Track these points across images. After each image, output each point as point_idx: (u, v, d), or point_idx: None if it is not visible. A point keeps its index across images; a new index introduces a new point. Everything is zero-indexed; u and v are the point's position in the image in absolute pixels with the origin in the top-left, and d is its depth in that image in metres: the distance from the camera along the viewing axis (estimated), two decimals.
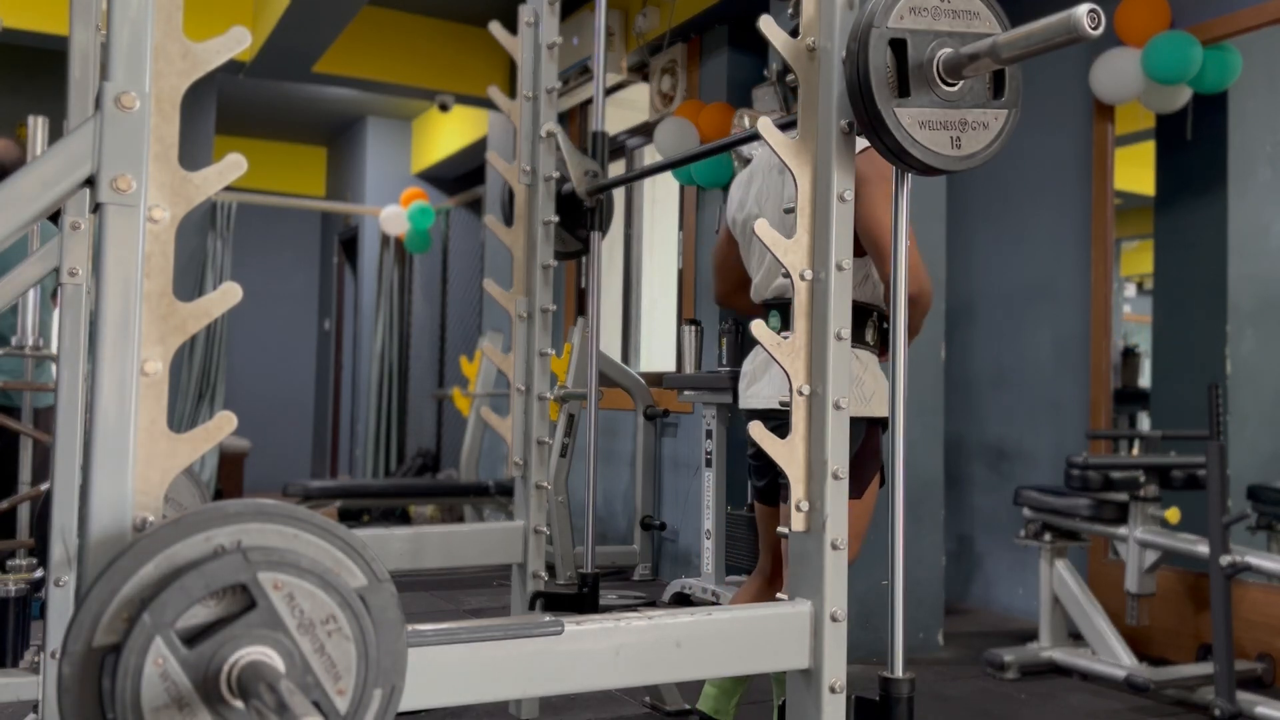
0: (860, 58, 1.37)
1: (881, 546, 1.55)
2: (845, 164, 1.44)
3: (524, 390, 2.70)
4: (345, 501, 6.10)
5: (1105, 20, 1.25)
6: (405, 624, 1.00)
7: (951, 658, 3.77)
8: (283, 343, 9.81)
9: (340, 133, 9.35)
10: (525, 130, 2.73)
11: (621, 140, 5.98)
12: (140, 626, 0.87)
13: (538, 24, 2.72)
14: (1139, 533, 3.32)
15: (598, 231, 2.70)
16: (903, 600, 1.47)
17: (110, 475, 0.95)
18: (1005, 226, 4.63)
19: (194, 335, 2.40)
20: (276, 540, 0.94)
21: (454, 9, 6.38)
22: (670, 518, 5.28)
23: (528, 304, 2.71)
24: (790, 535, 1.45)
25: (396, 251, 8.56)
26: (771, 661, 1.42)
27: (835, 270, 1.43)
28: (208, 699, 0.89)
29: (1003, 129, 1.46)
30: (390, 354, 8.51)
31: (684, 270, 5.39)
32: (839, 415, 1.43)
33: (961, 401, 4.64)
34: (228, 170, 1.01)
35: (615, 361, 5.34)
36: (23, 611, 2.62)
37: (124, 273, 0.96)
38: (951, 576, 4.56)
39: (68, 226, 1.77)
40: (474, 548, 2.68)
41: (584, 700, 3.10)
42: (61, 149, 0.95)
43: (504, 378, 3.16)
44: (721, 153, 2.37)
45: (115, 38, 0.97)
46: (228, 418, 1.00)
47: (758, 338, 1.42)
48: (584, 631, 1.29)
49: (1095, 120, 4.17)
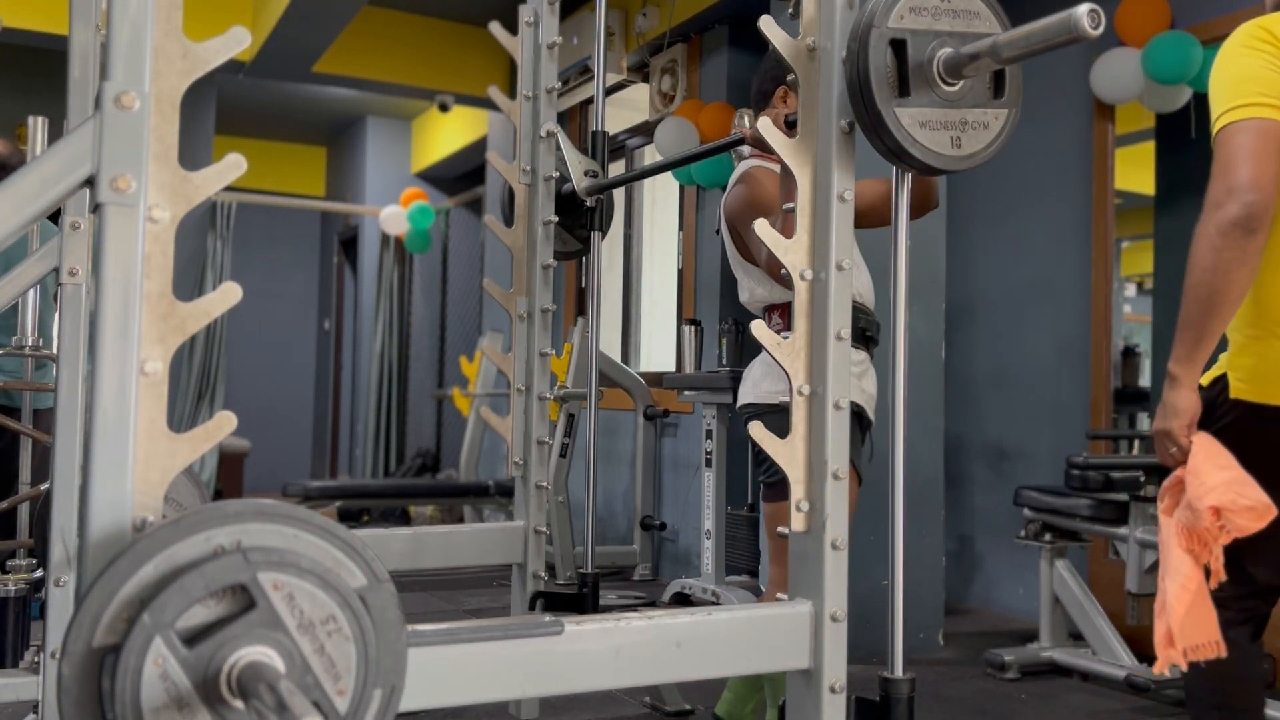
0: (860, 58, 1.37)
1: (881, 546, 1.55)
2: (845, 164, 1.44)
3: (524, 390, 2.70)
4: (345, 502, 6.10)
5: (1105, 20, 1.25)
6: (405, 624, 1.00)
7: (951, 658, 3.77)
8: (283, 343, 9.81)
9: (340, 133, 9.35)
10: (525, 130, 2.73)
11: (621, 140, 5.98)
12: (140, 627, 0.87)
13: (538, 24, 2.71)
14: (1139, 533, 3.31)
15: (598, 231, 2.70)
16: (903, 600, 1.47)
17: (110, 475, 0.95)
18: (1005, 226, 4.63)
19: (194, 335, 2.41)
20: (276, 540, 0.94)
21: (454, 9, 6.38)
22: (670, 518, 5.28)
23: (528, 304, 2.71)
24: (790, 535, 1.45)
25: (396, 251, 8.55)
26: (771, 661, 1.42)
27: (835, 270, 1.43)
28: (208, 699, 0.89)
29: (1003, 129, 1.46)
30: (390, 354, 8.51)
31: (684, 270, 5.38)
32: (839, 415, 1.43)
33: (961, 401, 4.64)
34: (228, 170, 1.01)
35: (615, 361, 5.34)
36: (23, 611, 2.62)
37: (124, 273, 0.96)
38: (951, 576, 4.56)
39: (68, 226, 1.77)
40: (474, 548, 2.67)
41: (584, 700, 3.10)
42: (61, 149, 0.95)
43: (504, 378, 3.16)
44: (721, 153, 2.37)
45: (115, 37, 0.97)
46: (227, 418, 1.00)
47: (759, 338, 1.42)
48: (584, 631, 1.29)
49: (1095, 120, 4.17)
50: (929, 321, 3.87)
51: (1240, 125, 1.68)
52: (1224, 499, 1.64)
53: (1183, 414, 1.74)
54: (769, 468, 2.36)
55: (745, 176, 2.45)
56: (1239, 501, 1.63)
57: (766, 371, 2.39)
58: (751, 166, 2.47)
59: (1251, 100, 1.68)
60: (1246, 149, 1.66)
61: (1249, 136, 1.67)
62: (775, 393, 2.33)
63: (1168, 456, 1.77)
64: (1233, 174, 1.66)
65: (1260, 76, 1.69)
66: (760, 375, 2.40)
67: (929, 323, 3.87)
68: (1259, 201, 1.64)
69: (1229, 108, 1.70)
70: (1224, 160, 1.68)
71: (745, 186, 2.43)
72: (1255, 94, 1.68)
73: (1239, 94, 1.69)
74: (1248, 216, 1.64)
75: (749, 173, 2.46)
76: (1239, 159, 1.66)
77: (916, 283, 3.75)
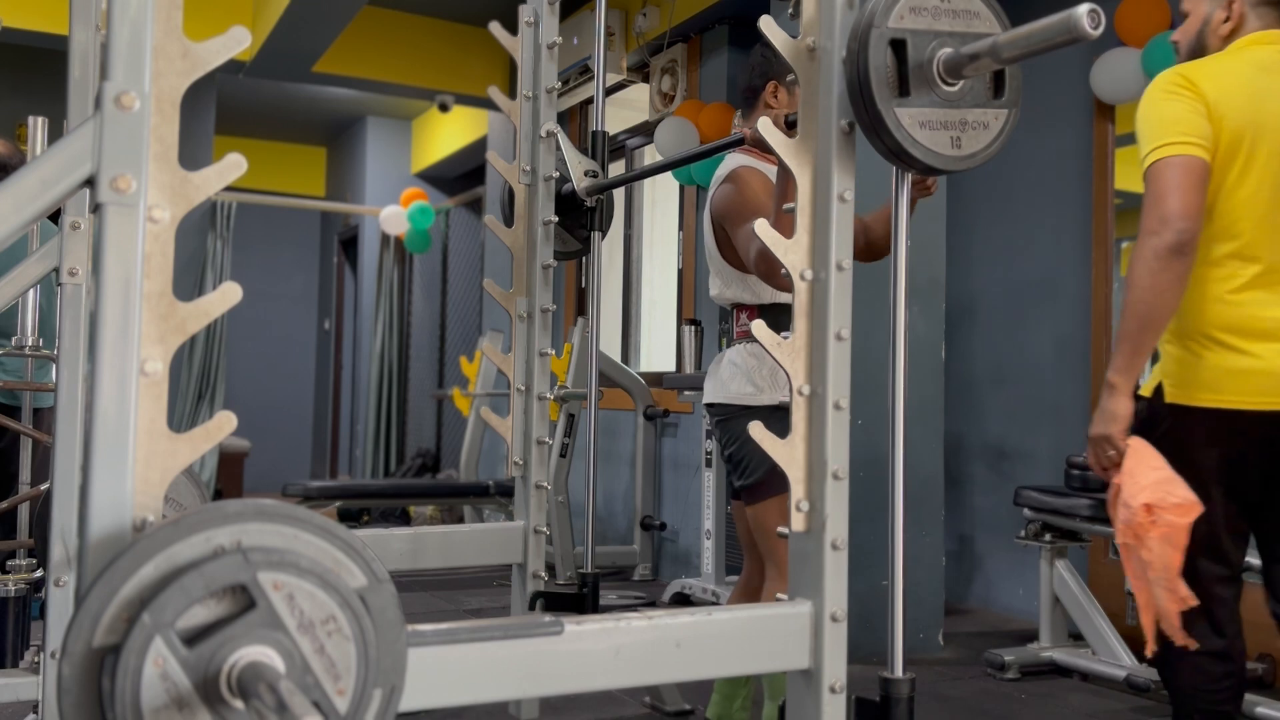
0: (860, 58, 1.37)
1: (882, 546, 1.55)
2: (845, 164, 1.44)
3: (524, 390, 2.70)
4: (345, 502, 6.10)
5: (1105, 20, 1.25)
6: (405, 624, 1.00)
7: (951, 658, 3.77)
8: (283, 343, 9.81)
9: (340, 133, 9.35)
10: (525, 130, 2.72)
11: (621, 140, 5.98)
12: (140, 627, 0.87)
13: (538, 24, 2.71)
14: None
15: (598, 231, 2.70)
16: (903, 600, 1.47)
17: (110, 475, 0.95)
18: (1005, 226, 4.63)
19: (194, 335, 2.40)
20: (276, 540, 0.94)
21: (454, 9, 6.38)
22: (670, 518, 5.28)
23: (528, 304, 2.71)
24: (790, 535, 1.45)
25: (396, 251, 8.55)
26: (771, 662, 1.42)
27: (835, 270, 1.43)
28: (208, 699, 0.89)
29: (1003, 129, 1.46)
30: (390, 354, 8.51)
31: (684, 270, 5.38)
32: (839, 415, 1.43)
33: (961, 401, 4.64)
34: (228, 170, 1.01)
35: (615, 361, 5.34)
36: (23, 611, 2.62)
37: (124, 273, 0.96)
38: (951, 576, 4.56)
39: (68, 226, 1.77)
40: (474, 548, 2.67)
41: (584, 700, 3.10)
42: (61, 149, 0.95)
43: (504, 378, 3.16)
44: (721, 153, 2.38)
45: (115, 37, 0.97)
46: (227, 417, 1.00)
47: (759, 338, 1.42)
48: (584, 631, 1.29)
49: (1095, 120, 4.17)
50: (929, 321, 3.87)
51: (1169, 161, 1.90)
52: (1155, 496, 1.81)
53: (1120, 419, 1.92)
54: (748, 467, 2.34)
55: (733, 176, 2.44)
56: (1168, 499, 1.81)
57: (735, 373, 2.38)
58: (739, 166, 2.46)
59: (1178, 139, 1.90)
60: (1175, 182, 1.88)
61: (1177, 171, 1.89)
62: (744, 394, 2.34)
63: (1104, 459, 1.95)
64: (1165, 205, 1.88)
65: (1184, 118, 1.92)
66: (729, 376, 2.40)
67: (929, 323, 3.87)
68: (1189, 229, 1.87)
69: (1158, 145, 1.92)
70: (1156, 192, 1.90)
71: (733, 186, 2.42)
72: (1180, 134, 1.91)
73: (1166, 133, 1.91)
74: (1180, 243, 1.86)
75: (737, 172, 2.44)
76: (1169, 191, 1.88)
77: (916, 283, 3.76)
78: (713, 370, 2.49)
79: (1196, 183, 1.89)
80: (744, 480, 2.36)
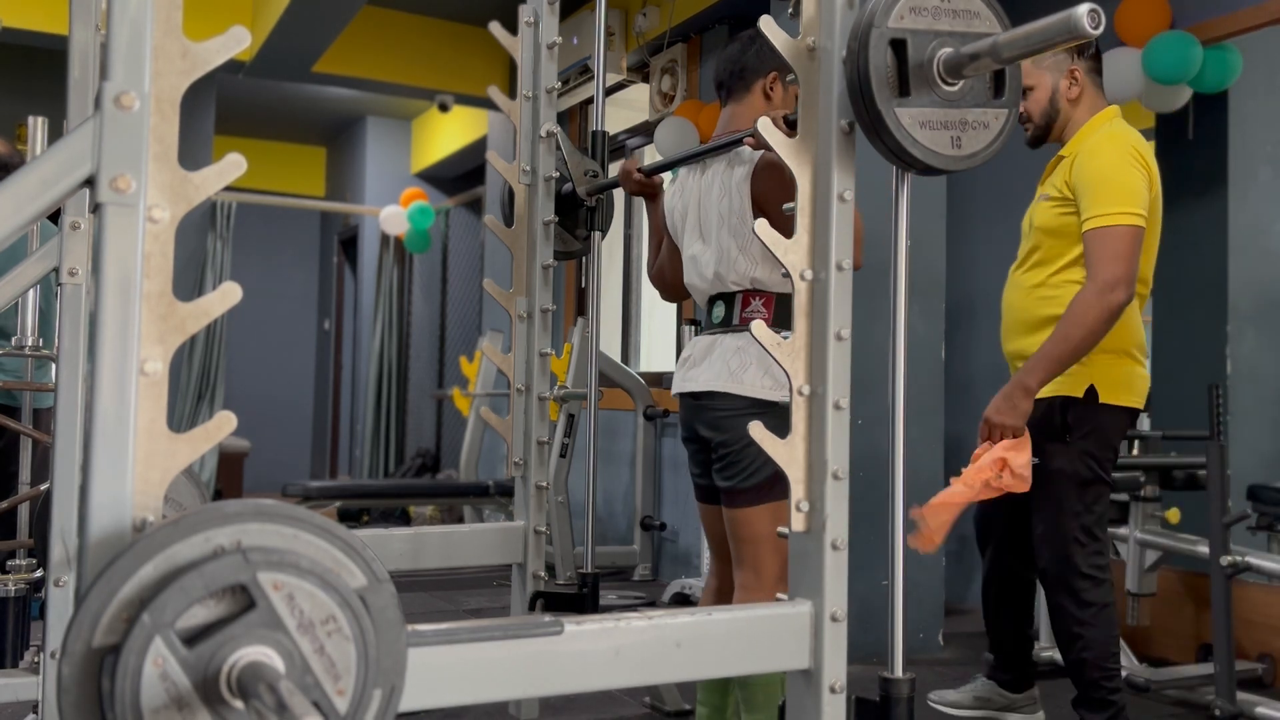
0: (860, 58, 1.37)
1: (882, 546, 1.55)
2: (845, 164, 1.44)
3: (524, 390, 2.70)
4: (345, 502, 6.10)
5: (1105, 20, 1.25)
6: (405, 624, 1.00)
7: (951, 658, 3.77)
8: (282, 343, 9.80)
9: (340, 133, 9.35)
10: (525, 130, 2.73)
11: (621, 140, 5.98)
12: (140, 627, 0.87)
13: (538, 24, 2.71)
14: (1139, 533, 3.32)
15: (598, 231, 2.70)
16: (903, 600, 1.47)
17: (110, 475, 0.95)
18: (1005, 226, 4.62)
19: (194, 335, 2.40)
20: (276, 540, 0.94)
21: (454, 9, 6.38)
22: (670, 518, 5.28)
23: (528, 304, 2.71)
24: (790, 535, 1.45)
25: (396, 251, 8.55)
26: (771, 662, 1.42)
27: (835, 270, 1.43)
28: (207, 699, 0.89)
29: (1003, 129, 1.46)
30: (390, 354, 8.51)
31: None
32: (839, 415, 1.43)
33: (961, 401, 4.64)
34: (227, 170, 1.01)
35: (615, 361, 5.34)
36: (23, 611, 2.62)
37: (123, 273, 0.96)
38: (951, 576, 4.56)
39: (68, 226, 1.77)
40: (474, 548, 2.67)
41: (584, 700, 3.10)
42: (61, 149, 0.95)
43: (504, 378, 3.16)
44: (722, 152, 2.37)
45: (114, 37, 0.97)
46: (227, 418, 1.00)
47: (759, 338, 1.42)
48: (584, 631, 1.29)
49: None
50: (929, 321, 3.87)
51: (1132, 230, 2.35)
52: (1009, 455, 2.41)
53: (1026, 416, 2.42)
54: (747, 469, 2.23)
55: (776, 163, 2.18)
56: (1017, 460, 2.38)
57: (746, 360, 2.20)
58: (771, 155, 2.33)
59: (1136, 210, 2.36)
60: (1133, 250, 2.35)
61: (1132, 241, 2.35)
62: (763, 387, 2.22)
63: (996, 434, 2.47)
64: (1123, 267, 2.33)
65: (1139, 192, 2.38)
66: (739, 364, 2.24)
67: (929, 322, 3.87)
68: (1134, 289, 2.36)
69: (1125, 210, 2.36)
70: (1116, 252, 2.34)
71: (780, 172, 2.19)
72: (1140, 206, 2.37)
73: (1132, 203, 2.36)
74: (1127, 300, 2.35)
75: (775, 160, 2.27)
76: (1127, 255, 2.34)
77: (916, 282, 3.75)
78: (703, 354, 2.29)
79: (1139, 249, 2.38)
80: (739, 482, 2.23)
